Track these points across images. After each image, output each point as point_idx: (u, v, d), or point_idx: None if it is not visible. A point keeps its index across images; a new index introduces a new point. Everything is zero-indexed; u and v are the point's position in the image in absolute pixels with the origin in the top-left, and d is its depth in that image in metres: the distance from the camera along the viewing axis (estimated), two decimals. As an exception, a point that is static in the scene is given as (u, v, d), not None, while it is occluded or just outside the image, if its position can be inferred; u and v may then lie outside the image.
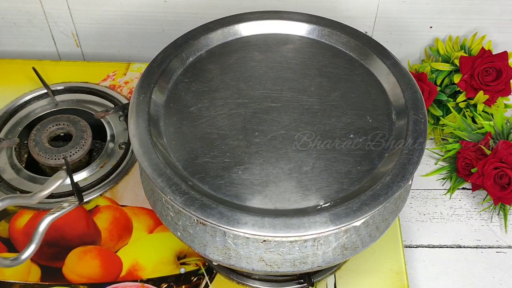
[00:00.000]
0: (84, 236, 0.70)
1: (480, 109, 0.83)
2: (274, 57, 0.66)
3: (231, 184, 0.54)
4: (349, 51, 0.66)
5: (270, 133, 0.58)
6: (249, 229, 0.49)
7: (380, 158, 0.56)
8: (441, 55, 0.87)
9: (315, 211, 0.51)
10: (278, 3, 0.87)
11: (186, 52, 0.65)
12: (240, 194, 0.53)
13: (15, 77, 0.88)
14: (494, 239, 0.77)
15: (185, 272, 0.67)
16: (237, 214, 0.50)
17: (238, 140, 0.57)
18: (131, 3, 0.88)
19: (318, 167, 0.55)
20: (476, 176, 0.76)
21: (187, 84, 0.63)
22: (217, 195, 0.53)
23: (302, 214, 0.50)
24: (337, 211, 0.50)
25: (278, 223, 0.50)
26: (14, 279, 0.67)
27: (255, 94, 0.62)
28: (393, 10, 0.87)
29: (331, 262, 0.55)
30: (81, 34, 0.94)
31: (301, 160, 0.56)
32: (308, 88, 0.62)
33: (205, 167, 0.55)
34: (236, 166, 0.55)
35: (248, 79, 0.63)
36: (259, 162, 0.55)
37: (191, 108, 0.60)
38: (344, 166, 0.55)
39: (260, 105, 0.60)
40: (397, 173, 0.53)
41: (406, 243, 0.77)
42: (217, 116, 0.59)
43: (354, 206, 0.51)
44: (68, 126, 0.79)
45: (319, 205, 0.52)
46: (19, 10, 0.90)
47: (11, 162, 0.77)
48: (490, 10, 0.86)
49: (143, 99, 0.59)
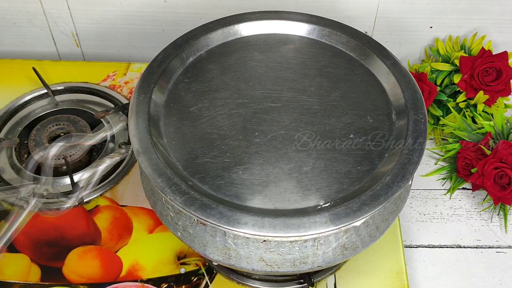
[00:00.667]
0: (84, 236, 0.70)
1: (480, 109, 0.83)
2: (274, 57, 0.66)
3: (231, 184, 0.54)
4: (349, 51, 0.66)
5: (270, 133, 0.58)
6: (249, 229, 0.49)
7: (380, 158, 0.56)
8: (441, 55, 0.87)
9: (315, 211, 0.51)
10: (278, 3, 0.87)
11: (186, 52, 0.65)
12: (240, 194, 0.53)
13: (15, 77, 0.88)
14: (494, 239, 0.77)
15: (185, 272, 0.67)
16: (237, 214, 0.50)
17: (238, 140, 0.57)
18: (131, 3, 0.88)
19: (318, 167, 0.55)
20: (476, 176, 0.76)
21: (187, 84, 0.63)
22: (217, 195, 0.53)
23: (302, 214, 0.50)
24: (337, 211, 0.50)
25: (278, 223, 0.50)
26: (14, 279, 0.66)
27: (255, 94, 0.62)
28: (393, 10, 0.87)
29: (331, 262, 0.55)
30: (81, 34, 0.94)
31: (301, 160, 0.56)
32: (308, 88, 0.62)
33: (205, 167, 0.55)
34: (236, 166, 0.55)
35: (248, 79, 0.63)
36: (259, 162, 0.55)
37: (191, 108, 0.60)
38: (344, 166, 0.55)
39: (260, 105, 0.60)
40: (397, 173, 0.53)
41: (406, 243, 0.77)
42: (217, 116, 0.59)
43: (354, 206, 0.51)
44: (68, 126, 0.79)
45: (319, 205, 0.52)
46: (19, 10, 0.90)
47: (11, 162, 0.77)
48: (490, 10, 0.86)
49: (143, 99, 0.59)
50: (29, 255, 0.68)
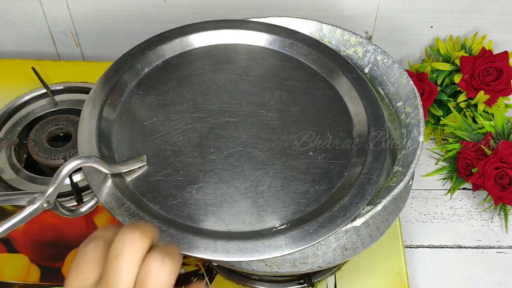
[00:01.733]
0: (84, 236, 0.69)
1: (480, 109, 0.83)
2: (233, 69, 0.62)
3: (184, 204, 0.51)
4: (310, 63, 0.64)
5: (227, 150, 0.55)
6: (201, 253, 0.47)
7: (339, 177, 0.53)
8: (441, 55, 0.87)
9: (270, 234, 0.48)
10: (278, 3, 0.87)
11: (141, 63, 0.61)
12: (193, 215, 0.50)
13: (14, 77, 0.87)
14: (495, 240, 0.77)
15: (185, 272, 0.67)
16: (189, 237, 0.47)
17: (193, 157, 0.54)
18: (131, 2, 0.88)
19: (275, 186, 0.52)
20: (476, 176, 0.76)
21: (142, 96, 0.59)
22: (168, 216, 0.50)
23: (257, 237, 0.48)
24: (292, 234, 0.48)
25: (231, 247, 0.47)
26: (13, 279, 0.66)
27: (212, 108, 0.58)
28: (394, 9, 0.87)
29: (331, 262, 0.55)
30: (81, 34, 0.93)
31: (258, 179, 0.53)
32: (268, 102, 0.59)
33: (158, 186, 0.52)
34: (190, 185, 0.52)
35: (205, 92, 0.60)
36: (214, 180, 0.52)
37: (145, 122, 0.57)
38: (302, 185, 0.53)
39: (217, 120, 0.57)
40: (356, 194, 0.51)
41: (406, 243, 0.77)
42: (172, 131, 0.56)
43: (311, 229, 0.48)
44: (68, 126, 0.79)
45: (274, 227, 0.49)
46: (19, 9, 0.90)
47: (10, 162, 0.77)
48: (491, 10, 0.86)
49: (93, 114, 0.55)
50: (29, 255, 0.68)
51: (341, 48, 0.69)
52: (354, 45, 0.68)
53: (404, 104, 0.63)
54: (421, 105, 0.62)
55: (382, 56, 0.66)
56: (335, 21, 0.70)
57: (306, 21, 0.69)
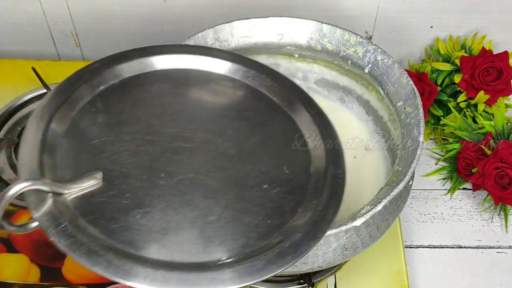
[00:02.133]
0: (84, 236, 0.70)
1: (480, 109, 0.83)
2: (192, 94, 0.60)
3: (126, 229, 0.47)
4: (272, 96, 0.62)
5: (178, 176, 0.51)
6: (140, 282, 0.44)
7: (292, 213, 0.51)
8: (441, 55, 0.87)
9: (216, 267, 0.46)
10: (278, 3, 0.87)
11: (98, 79, 0.58)
12: (135, 241, 0.46)
13: (14, 77, 0.87)
14: (495, 240, 0.77)
15: (185, 273, 0.67)
16: (128, 264, 0.44)
17: (141, 181, 0.50)
18: (131, 3, 0.88)
19: (225, 217, 0.49)
20: (476, 176, 0.76)
21: (94, 114, 0.56)
22: (108, 240, 0.46)
23: (201, 269, 0.45)
24: (239, 268, 0.45)
25: (172, 277, 0.44)
26: (13, 279, 0.66)
27: (166, 132, 0.55)
28: (394, 9, 0.87)
29: (331, 262, 0.55)
30: (81, 34, 0.93)
31: (208, 208, 0.49)
32: (225, 131, 0.57)
33: (100, 207, 0.48)
34: (135, 209, 0.48)
35: (161, 115, 0.57)
36: (161, 206, 0.49)
37: (94, 141, 0.53)
38: (253, 218, 0.50)
39: (171, 144, 0.54)
40: (309, 231, 0.48)
41: (406, 243, 0.77)
42: (122, 152, 0.52)
43: (259, 264, 0.46)
44: (68, 126, 0.79)
45: (221, 259, 0.46)
46: (19, 9, 0.90)
47: (10, 162, 0.77)
48: (491, 10, 0.86)
49: (39, 127, 0.52)
50: (29, 255, 0.68)
51: (341, 48, 0.69)
52: (354, 45, 0.68)
53: (404, 104, 0.63)
54: (421, 105, 0.62)
55: (382, 56, 0.66)
56: (335, 21, 0.70)
57: (306, 21, 0.70)
